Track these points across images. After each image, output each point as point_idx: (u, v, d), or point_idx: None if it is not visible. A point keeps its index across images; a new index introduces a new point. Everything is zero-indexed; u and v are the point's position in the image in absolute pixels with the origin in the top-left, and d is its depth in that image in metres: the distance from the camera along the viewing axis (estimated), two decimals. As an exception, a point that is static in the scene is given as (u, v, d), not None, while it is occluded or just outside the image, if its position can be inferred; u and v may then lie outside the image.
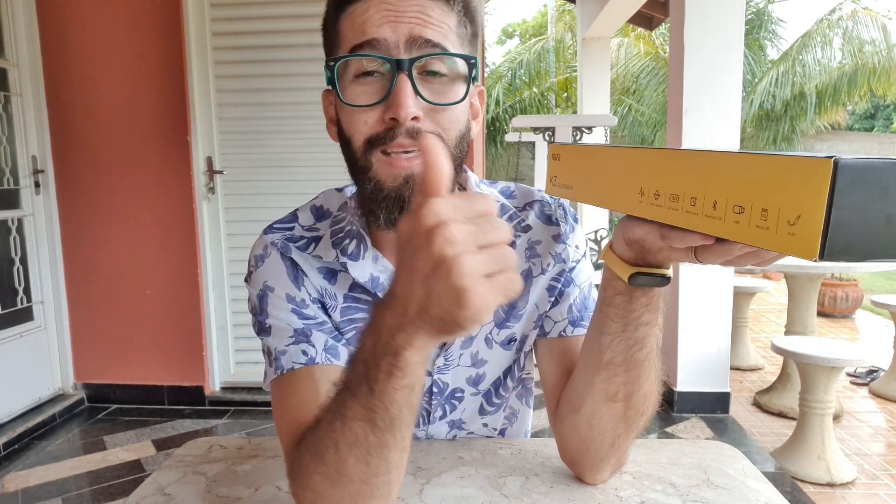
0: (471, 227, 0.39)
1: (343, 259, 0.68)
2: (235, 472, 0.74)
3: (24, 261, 2.89)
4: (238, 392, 3.05)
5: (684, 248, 0.47)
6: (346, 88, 0.60)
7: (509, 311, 0.75)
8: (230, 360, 3.11)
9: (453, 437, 0.82)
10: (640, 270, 0.55)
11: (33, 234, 2.93)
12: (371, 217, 0.63)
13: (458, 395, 0.78)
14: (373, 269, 0.68)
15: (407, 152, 0.58)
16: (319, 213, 0.73)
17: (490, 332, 0.75)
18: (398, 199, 0.59)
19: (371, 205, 0.61)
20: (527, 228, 0.75)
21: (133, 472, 2.35)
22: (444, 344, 0.72)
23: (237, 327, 3.08)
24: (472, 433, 0.83)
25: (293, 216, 0.73)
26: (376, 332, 0.45)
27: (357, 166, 0.61)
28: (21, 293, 2.88)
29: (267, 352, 0.68)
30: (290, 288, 0.68)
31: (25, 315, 2.89)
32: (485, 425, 0.83)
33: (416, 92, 0.57)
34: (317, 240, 0.70)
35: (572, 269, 0.75)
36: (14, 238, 2.85)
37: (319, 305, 0.69)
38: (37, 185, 2.93)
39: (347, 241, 0.68)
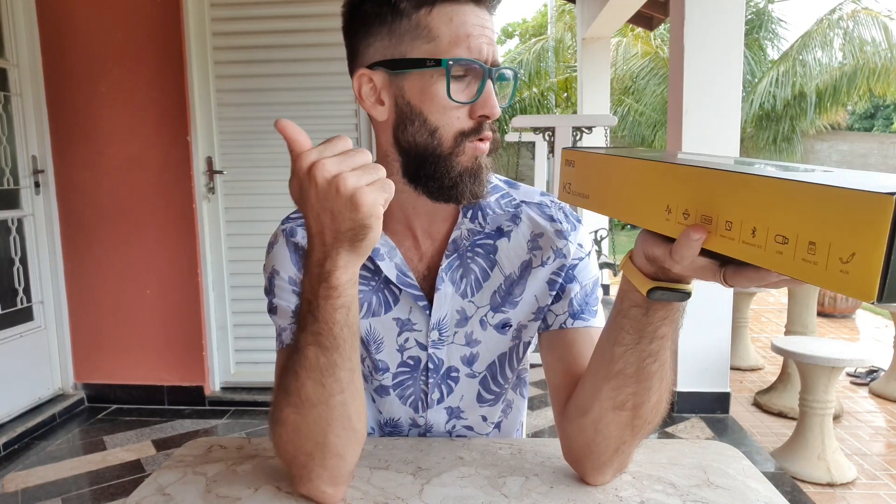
0: (338, 158, 0.53)
1: None
2: (235, 472, 0.74)
3: (24, 261, 2.89)
4: (238, 392, 3.05)
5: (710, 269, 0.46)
6: (452, 90, 0.67)
7: (505, 296, 0.78)
8: (230, 360, 3.11)
9: (452, 426, 0.84)
10: (659, 285, 0.54)
11: (33, 234, 2.93)
12: (451, 193, 0.70)
13: (454, 374, 0.80)
14: None
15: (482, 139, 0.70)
16: None
17: (485, 315, 0.78)
18: (477, 175, 0.70)
19: (456, 181, 0.69)
20: (515, 219, 0.78)
21: (133, 472, 2.35)
22: (430, 311, 0.77)
23: (237, 327, 3.08)
24: (470, 427, 0.84)
25: None
26: (308, 271, 0.57)
27: (439, 153, 0.69)
28: (21, 293, 2.88)
29: (275, 328, 0.77)
30: (291, 271, 0.76)
31: (25, 315, 2.89)
32: (483, 418, 0.84)
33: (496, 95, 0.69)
34: None
35: (574, 265, 0.77)
36: (14, 238, 2.85)
37: None
38: (37, 185, 2.93)
39: None
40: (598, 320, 0.77)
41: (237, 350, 3.11)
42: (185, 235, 2.93)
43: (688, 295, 0.55)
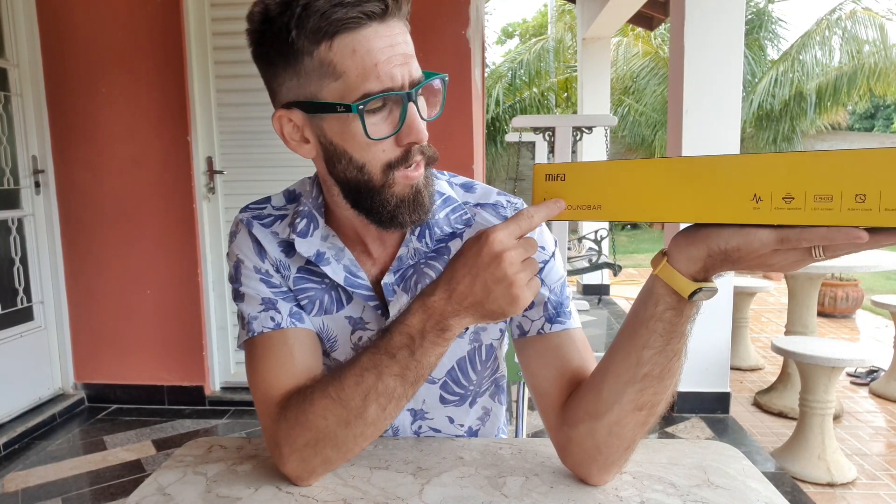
0: (520, 251, 0.57)
1: (292, 236, 0.74)
2: (235, 472, 0.74)
3: (24, 261, 2.89)
4: (238, 392, 3.05)
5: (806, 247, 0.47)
6: (369, 128, 0.63)
7: None
8: (230, 360, 3.11)
9: (418, 427, 0.84)
10: (701, 286, 0.55)
11: (33, 234, 2.93)
12: (392, 223, 0.69)
13: None
14: (320, 245, 0.74)
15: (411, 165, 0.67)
16: (291, 196, 0.81)
17: None
18: (415, 202, 0.68)
19: (394, 213, 0.68)
20: (468, 223, 0.76)
21: (133, 472, 2.35)
22: (382, 311, 0.77)
23: (237, 327, 3.08)
24: (438, 431, 0.84)
25: (267, 199, 0.81)
26: (429, 313, 0.60)
27: (371, 186, 0.67)
28: (21, 293, 2.88)
29: (241, 316, 0.77)
30: (256, 261, 0.76)
31: (25, 315, 2.89)
32: (451, 419, 0.84)
33: (420, 113, 0.65)
34: (282, 217, 0.78)
35: (540, 269, 0.75)
36: (14, 238, 2.85)
37: (280, 275, 0.77)
38: (37, 185, 2.93)
39: (299, 219, 0.75)
40: (575, 321, 0.76)
41: (237, 350, 3.11)
42: (185, 235, 2.93)
43: (717, 290, 0.57)
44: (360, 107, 0.61)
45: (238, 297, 0.77)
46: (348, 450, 0.67)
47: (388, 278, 0.75)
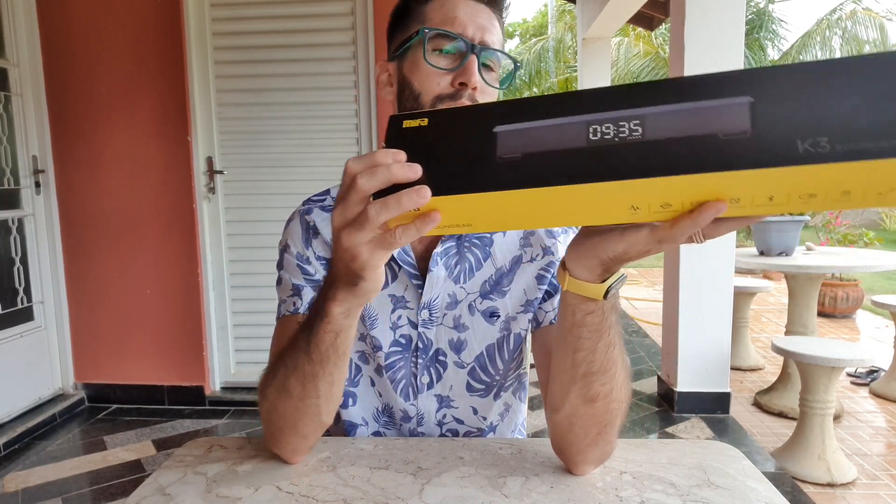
0: (339, 208, 0.49)
1: None
2: (235, 472, 0.74)
3: (24, 261, 2.89)
4: (238, 392, 3.05)
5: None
6: (428, 54, 0.73)
7: (494, 285, 0.83)
8: (230, 360, 3.11)
9: (443, 416, 0.86)
10: (609, 283, 0.56)
11: (33, 234, 2.93)
12: None
13: (442, 358, 0.84)
14: None
15: None
16: None
17: (474, 301, 0.83)
18: None
19: None
20: None
21: (133, 472, 2.35)
22: (423, 290, 0.81)
23: (237, 327, 3.08)
24: (462, 422, 0.86)
25: (326, 191, 0.86)
26: (320, 291, 0.61)
27: None
28: (21, 293, 2.88)
29: (278, 299, 0.84)
30: (300, 247, 0.82)
31: (25, 315, 2.90)
32: (475, 410, 0.86)
33: (480, 72, 0.74)
34: None
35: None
36: (14, 238, 2.85)
37: (325, 262, 0.81)
38: (37, 185, 2.93)
39: None
40: None
41: (237, 350, 3.11)
42: (185, 235, 2.94)
43: (626, 276, 0.58)
44: (426, 30, 0.72)
45: (277, 282, 0.84)
46: (292, 427, 0.69)
47: (438, 248, 0.80)
